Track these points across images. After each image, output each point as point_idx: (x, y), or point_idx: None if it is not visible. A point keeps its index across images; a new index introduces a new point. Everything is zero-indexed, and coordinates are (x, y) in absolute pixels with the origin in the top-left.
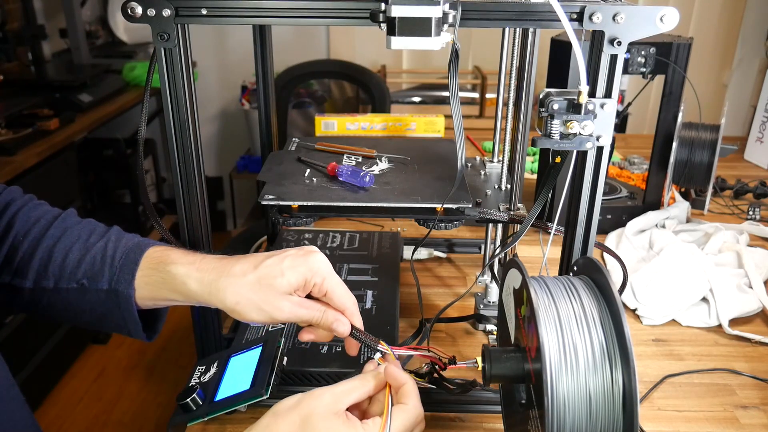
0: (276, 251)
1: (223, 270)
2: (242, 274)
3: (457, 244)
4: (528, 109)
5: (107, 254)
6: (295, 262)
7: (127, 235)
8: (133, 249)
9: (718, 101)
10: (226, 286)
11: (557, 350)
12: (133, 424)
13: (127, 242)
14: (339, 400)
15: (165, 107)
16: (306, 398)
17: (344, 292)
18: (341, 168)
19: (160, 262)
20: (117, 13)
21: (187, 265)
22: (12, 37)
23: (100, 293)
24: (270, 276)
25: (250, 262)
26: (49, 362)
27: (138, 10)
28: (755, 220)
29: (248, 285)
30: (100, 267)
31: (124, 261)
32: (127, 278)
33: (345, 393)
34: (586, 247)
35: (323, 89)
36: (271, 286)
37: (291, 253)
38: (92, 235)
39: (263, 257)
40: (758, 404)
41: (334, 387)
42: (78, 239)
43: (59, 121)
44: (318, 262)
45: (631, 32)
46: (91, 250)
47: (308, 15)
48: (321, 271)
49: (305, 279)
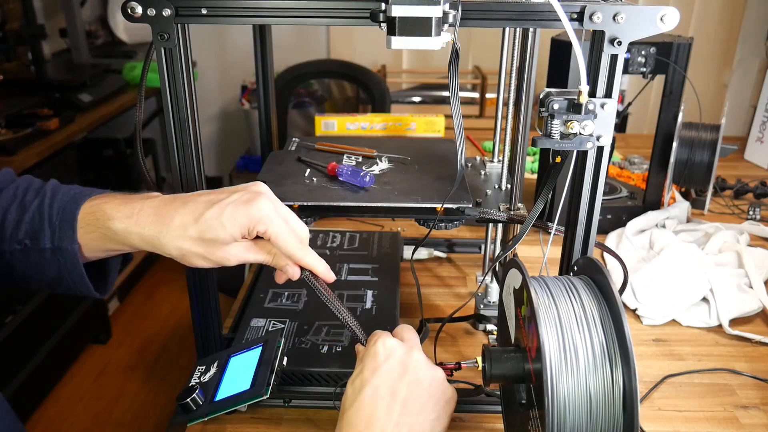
0: (219, 193)
1: (162, 224)
2: (183, 228)
3: (457, 244)
4: (528, 109)
5: (44, 211)
6: (235, 212)
7: (64, 188)
8: (69, 203)
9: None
10: (168, 242)
11: (557, 350)
12: (133, 424)
13: (63, 196)
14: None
15: (165, 107)
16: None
17: (287, 239)
18: (341, 168)
19: (97, 217)
20: (117, 13)
21: (125, 220)
22: (12, 37)
23: (44, 252)
24: (211, 230)
25: (189, 214)
26: (49, 362)
27: (138, 10)
28: (755, 220)
29: (190, 239)
30: (40, 225)
31: (62, 216)
32: (69, 234)
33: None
34: (586, 247)
35: (323, 89)
36: (213, 240)
37: (233, 200)
38: (28, 192)
39: (204, 205)
40: (758, 404)
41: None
42: (14, 198)
43: (59, 121)
44: (260, 210)
45: (632, 32)
46: (29, 209)
47: (308, 15)
48: (263, 219)
49: (247, 228)
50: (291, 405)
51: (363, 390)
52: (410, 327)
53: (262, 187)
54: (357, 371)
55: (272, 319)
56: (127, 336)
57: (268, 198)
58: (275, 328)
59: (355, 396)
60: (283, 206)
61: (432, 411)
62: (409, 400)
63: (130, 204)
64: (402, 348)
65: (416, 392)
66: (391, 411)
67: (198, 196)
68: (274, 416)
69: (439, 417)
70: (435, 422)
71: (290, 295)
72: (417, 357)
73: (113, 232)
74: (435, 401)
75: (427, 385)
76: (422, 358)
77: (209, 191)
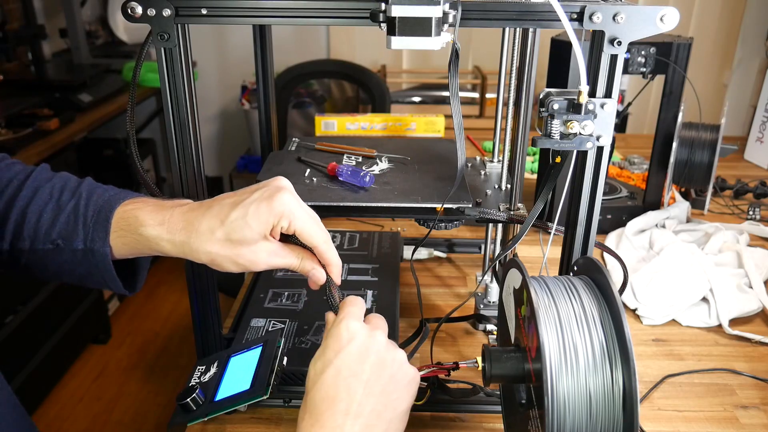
0: (242, 194)
1: (192, 229)
2: (210, 232)
3: (457, 244)
4: (528, 109)
5: (79, 212)
6: (258, 210)
7: (99, 188)
8: (104, 206)
9: (718, 101)
10: (197, 247)
11: (557, 350)
12: (133, 424)
13: (98, 198)
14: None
15: (165, 107)
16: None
17: (314, 231)
18: (341, 168)
19: (129, 223)
20: (117, 13)
21: (157, 227)
22: (12, 37)
23: (76, 253)
24: (237, 230)
25: (215, 216)
26: (49, 362)
27: (138, 10)
28: (755, 220)
29: (218, 243)
30: (74, 226)
31: (97, 219)
32: (101, 236)
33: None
34: (586, 247)
35: (323, 89)
36: (240, 242)
37: (255, 198)
38: (64, 192)
39: (228, 208)
40: (758, 404)
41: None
42: (50, 198)
43: (59, 121)
44: (283, 204)
45: (632, 32)
46: (64, 209)
47: (308, 15)
48: (287, 213)
49: (272, 224)
50: (291, 405)
51: (325, 371)
52: (380, 316)
53: (283, 182)
54: (319, 352)
55: (272, 319)
56: (127, 336)
57: (289, 192)
58: (275, 328)
59: (317, 377)
60: (305, 204)
61: (394, 391)
62: (371, 381)
63: (161, 211)
64: (364, 330)
65: (378, 373)
66: (353, 391)
67: (222, 199)
68: (274, 416)
69: (401, 397)
70: (397, 401)
71: (290, 295)
72: (379, 339)
73: (145, 238)
74: (396, 382)
75: (388, 365)
76: (384, 340)
77: (233, 193)
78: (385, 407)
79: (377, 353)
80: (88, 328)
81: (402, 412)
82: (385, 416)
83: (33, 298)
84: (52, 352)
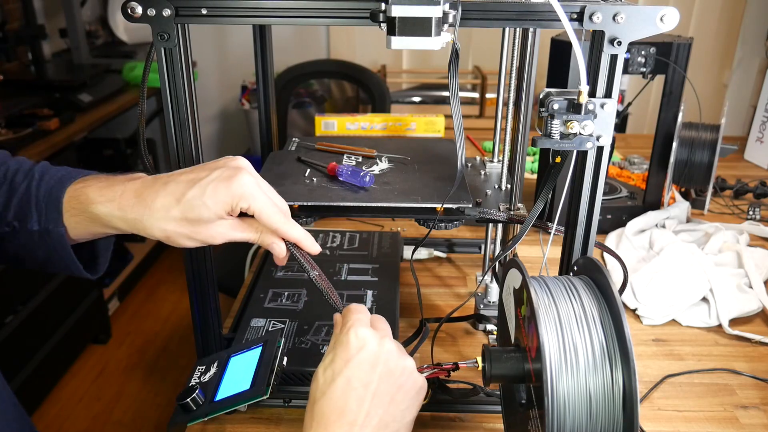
0: (199, 170)
1: (144, 206)
2: (165, 210)
3: (457, 244)
4: (528, 109)
5: (32, 193)
6: (217, 190)
7: (52, 169)
8: (55, 186)
9: (718, 101)
10: (151, 224)
11: (557, 350)
12: (133, 424)
13: (50, 179)
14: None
15: (165, 107)
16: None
17: (270, 213)
18: (341, 168)
19: (80, 201)
20: (117, 13)
21: (108, 204)
22: (12, 37)
23: (32, 234)
24: (193, 209)
25: (171, 194)
26: (48, 362)
27: (138, 10)
28: (755, 220)
29: (174, 220)
30: (27, 207)
31: (48, 199)
32: (54, 216)
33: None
34: (586, 247)
35: (323, 89)
36: (197, 220)
37: (214, 177)
38: (17, 174)
39: (184, 186)
40: (758, 404)
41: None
42: (4, 181)
43: (59, 121)
44: (242, 186)
45: (632, 32)
46: (17, 191)
47: (308, 15)
48: (245, 194)
49: (230, 206)
50: (291, 405)
51: (335, 381)
52: (383, 318)
53: (241, 162)
54: (328, 359)
55: (272, 319)
56: (127, 336)
57: (248, 173)
58: (275, 328)
59: (326, 386)
60: (264, 181)
61: (402, 401)
62: (380, 391)
63: (112, 187)
64: (374, 338)
65: (387, 383)
66: (362, 402)
67: (179, 175)
68: (274, 416)
69: (409, 407)
70: (405, 412)
71: (290, 295)
72: (388, 347)
73: (96, 215)
74: (405, 391)
75: (397, 375)
76: (393, 348)
77: (189, 169)
78: (393, 418)
79: (386, 363)
80: (88, 328)
81: (408, 422)
82: (392, 426)
83: (33, 298)
84: (52, 352)
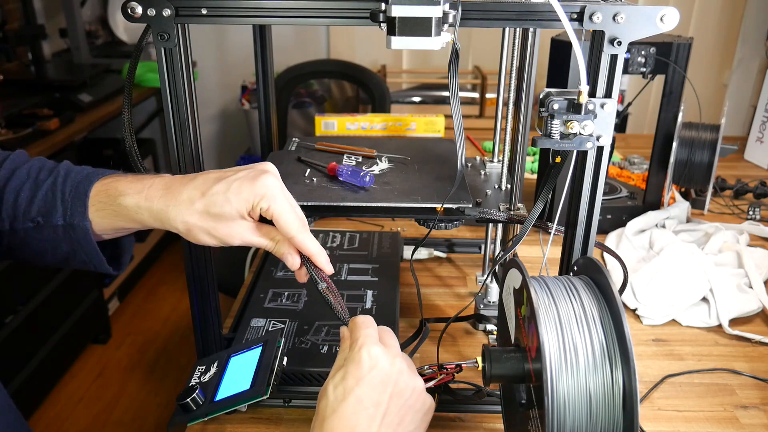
0: (227, 171)
1: (171, 198)
2: (190, 202)
3: (457, 244)
4: (528, 109)
5: (57, 189)
6: (241, 187)
7: (76, 167)
8: (82, 181)
9: (718, 101)
10: (175, 215)
11: (557, 350)
12: (133, 424)
13: (76, 175)
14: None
15: (165, 107)
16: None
17: (289, 219)
18: (341, 168)
19: (109, 195)
20: (117, 13)
21: (136, 195)
22: (12, 37)
23: (57, 229)
24: (217, 204)
25: (198, 188)
26: (48, 362)
27: (138, 10)
28: (755, 220)
29: (197, 213)
30: (52, 202)
31: (75, 194)
32: (80, 210)
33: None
34: (586, 247)
35: (323, 89)
36: (219, 216)
37: (240, 176)
38: (41, 171)
39: (212, 181)
40: (758, 404)
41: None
42: (28, 178)
43: (59, 121)
44: (265, 186)
45: (632, 32)
46: (42, 187)
47: (308, 15)
48: (267, 195)
49: (252, 203)
50: (291, 405)
51: (346, 399)
52: (390, 331)
53: (269, 166)
54: (339, 377)
55: (272, 319)
56: (127, 336)
57: (274, 176)
58: (275, 328)
59: (337, 404)
60: (288, 191)
61: (411, 422)
62: (390, 412)
63: (141, 181)
64: (387, 358)
65: (397, 404)
66: (372, 422)
67: (207, 173)
68: (274, 416)
69: (418, 427)
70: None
71: (290, 295)
72: (399, 367)
73: (124, 207)
74: (414, 412)
75: (408, 396)
76: (404, 368)
77: (219, 170)
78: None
79: (397, 383)
80: (88, 328)
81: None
82: None
83: (33, 298)
84: (52, 352)
